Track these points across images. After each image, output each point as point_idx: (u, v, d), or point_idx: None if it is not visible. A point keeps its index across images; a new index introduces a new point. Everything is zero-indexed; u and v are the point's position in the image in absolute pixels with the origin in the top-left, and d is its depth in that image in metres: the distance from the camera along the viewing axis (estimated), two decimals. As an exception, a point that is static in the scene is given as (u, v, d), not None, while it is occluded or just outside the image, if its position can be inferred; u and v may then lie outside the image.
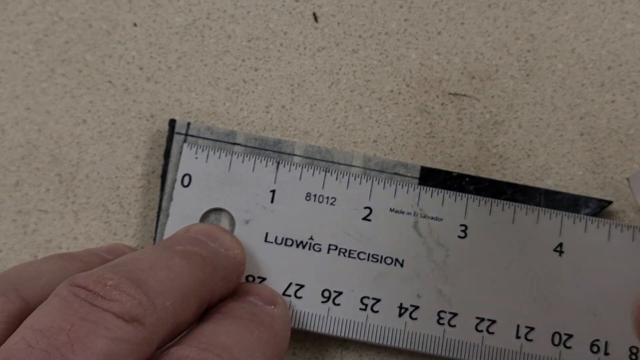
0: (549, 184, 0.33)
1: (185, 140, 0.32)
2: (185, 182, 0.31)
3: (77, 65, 0.34)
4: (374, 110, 0.34)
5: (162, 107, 0.34)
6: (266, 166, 0.31)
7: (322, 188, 0.31)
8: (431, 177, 0.32)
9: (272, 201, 0.31)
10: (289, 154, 0.32)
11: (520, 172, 0.33)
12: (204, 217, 0.31)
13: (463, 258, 0.30)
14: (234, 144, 0.32)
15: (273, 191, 0.31)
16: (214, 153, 0.31)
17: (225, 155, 0.31)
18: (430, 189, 0.31)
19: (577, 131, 0.34)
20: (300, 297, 0.30)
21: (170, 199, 0.31)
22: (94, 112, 0.33)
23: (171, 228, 0.31)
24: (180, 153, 0.32)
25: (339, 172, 0.31)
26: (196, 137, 0.32)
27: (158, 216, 0.32)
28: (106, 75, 0.34)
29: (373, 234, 0.31)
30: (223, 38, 0.34)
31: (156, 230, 0.31)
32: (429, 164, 0.33)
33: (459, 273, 0.30)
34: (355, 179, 0.31)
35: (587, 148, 0.33)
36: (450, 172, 0.32)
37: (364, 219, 0.31)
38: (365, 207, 0.31)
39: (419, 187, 0.31)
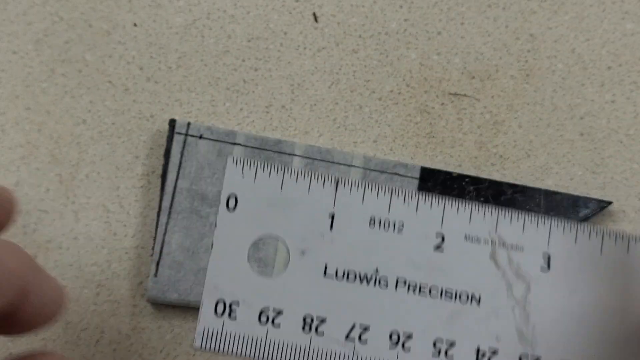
0: (549, 184, 0.33)
1: (185, 141, 0.32)
2: (231, 204, 0.27)
3: (77, 65, 0.34)
4: (374, 110, 0.34)
5: (162, 107, 0.34)
6: (323, 186, 0.27)
7: (388, 212, 0.27)
8: (431, 178, 0.32)
9: (331, 227, 0.27)
10: (289, 154, 0.32)
11: (520, 172, 0.33)
12: (253, 247, 0.27)
13: (546, 293, 0.27)
14: (234, 144, 0.32)
15: (332, 216, 0.27)
16: (263, 171, 0.27)
17: (277, 174, 0.27)
18: (510, 212, 0.27)
19: (577, 131, 0.34)
20: (366, 341, 0.27)
21: (215, 225, 0.27)
22: (94, 112, 0.33)
23: (217, 259, 0.27)
24: (181, 153, 0.32)
25: (407, 193, 0.27)
26: (196, 137, 0.32)
27: (158, 216, 0.32)
28: (106, 75, 0.34)
29: (446, 265, 0.27)
30: (223, 38, 0.34)
31: (156, 230, 0.31)
32: (429, 164, 0.33)
33: (542, 311, 0.27)
34: (425, 201, 0.27)
35: (587, 148, 0.33)
36: (450, 173, 0.32)
37: (436, 248, 0.27)
38: (437, 235, 0.27)
39: (497, 210, 0.27)
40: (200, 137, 0.32)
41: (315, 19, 0.34)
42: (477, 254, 0.27)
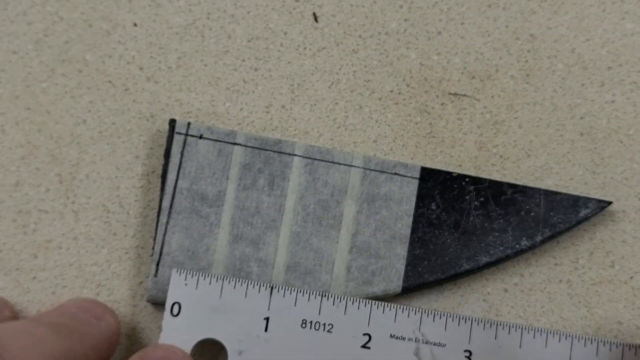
0: (549, 184, 0.33)
1: (185, 141, 0.32)
2: (175, 311, 0.30)
3: (77, 65, 0.34)
4: (374, 110, 0.34)
5: (162, 107, 0.34)
6: (259, 291, 0.30)
7: (319, 314, 0.30)
8: (431, 178, 0.32)
9: (266, 329, 0.30)
10: (289, 154, 0.32)
11: (520, 172, 0.33)
12: (195, 348, 0.30)
13: None
14: (234, 144, 0.32)
15: (267, 318, 0.30)
16: (205, 279, 0.30)
17: (217, 281, 0.30)
18: (433, 312, 0.30)
19: (577, 131, 0.34)
20: None
21: (160, 328, 0.30)
22: (94, 112, 0.33)
23: None
24: (181, 153, 0.32)
25: (336, 297, 0.30)
26: (196, 137, 0.32)
27: (158, 216, 0.32)
28: (106, 75, 0.34)
29: None
30: (223, 38, 0.34)
31: (156, 230, 0.31)
32: (429, 164, 0.33)
33: None
34: (353, 303, 0.30)
35: (587, 148, 0.33)
36: (450, 173, 0.32)
37: (363, 346, 0.30)
38: (364, 334, 0.30)
39: (420, 310, 0.30)
40: (200, 137, 0.32)
41: (315, 19, 0.34)
42: (401, 351, 0.30)
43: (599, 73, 0.34)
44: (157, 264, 0.31)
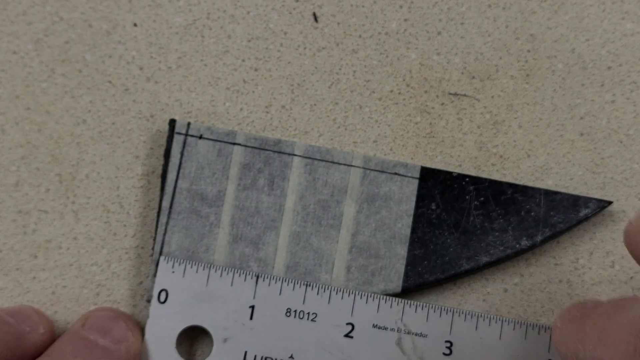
0: (549, 184, 0.33)
1: (185, 141, 0.32)
2: (162, 298, 0.30)
3: (77, 65, 0.34)
4: (374, 110, 0.34)
5: (162, 107, 0.34)
6: (245, 280, 0.31)
7: (303, 303, 0.30)
8: (431, 177, 0.32)
9: (251, 317, 0.30)
10: (289, 154, 0.32)
11: (520, 172, 0.33)
12: (181, 335, 0.30)
13: None
14: (234, 144, 0.32)
15: (252, 307, 0.30)
16: (192, 267, 0.31)
17: (203, 269, 0.31)
18: (415, 303, 0.30)
19: (577, 131, 0.34)
20: None
21: (147, 315, 0.30)
22: (94, 112, 0.33)
23: (149, 346, 0.30)
24: (181, 153, 0.32)
25: (320, 287, 0.31)
26: (196, 137, 0.32)
27: (158, 216, 0.32)
28: (106, 75, 0.34)
29: (355, 351, 0.30)
30: (223, 38, 0.34)
31: (156, 230, 0.31)
32: (429, 164, 0.33)
33: None
34: (337, 293, 0.31)
35: (587, 148, 0.33)
36: (451, 172, 0.32)
37: (346, 335, 0.30)
38: (347, 324, 0.30)
39: (403, 301, 0.30)
40: (200, 137, 0.32)
41: (315, 19, 0.34)
42: (384, 340, 0.30)
43: (599, 73, 0.34)
44: (157, 264, 0.31)
